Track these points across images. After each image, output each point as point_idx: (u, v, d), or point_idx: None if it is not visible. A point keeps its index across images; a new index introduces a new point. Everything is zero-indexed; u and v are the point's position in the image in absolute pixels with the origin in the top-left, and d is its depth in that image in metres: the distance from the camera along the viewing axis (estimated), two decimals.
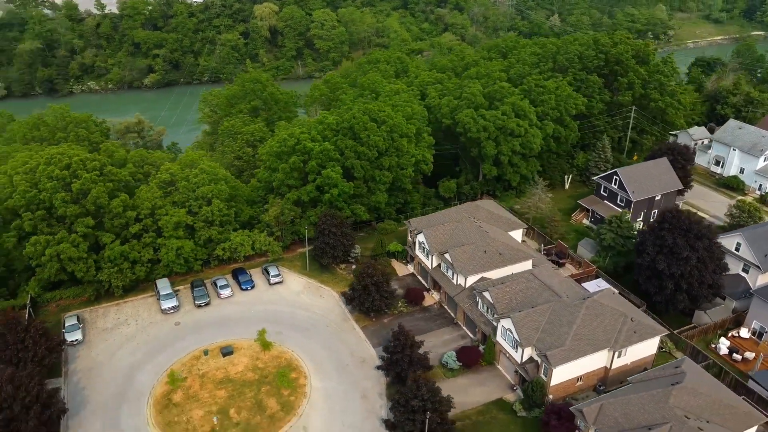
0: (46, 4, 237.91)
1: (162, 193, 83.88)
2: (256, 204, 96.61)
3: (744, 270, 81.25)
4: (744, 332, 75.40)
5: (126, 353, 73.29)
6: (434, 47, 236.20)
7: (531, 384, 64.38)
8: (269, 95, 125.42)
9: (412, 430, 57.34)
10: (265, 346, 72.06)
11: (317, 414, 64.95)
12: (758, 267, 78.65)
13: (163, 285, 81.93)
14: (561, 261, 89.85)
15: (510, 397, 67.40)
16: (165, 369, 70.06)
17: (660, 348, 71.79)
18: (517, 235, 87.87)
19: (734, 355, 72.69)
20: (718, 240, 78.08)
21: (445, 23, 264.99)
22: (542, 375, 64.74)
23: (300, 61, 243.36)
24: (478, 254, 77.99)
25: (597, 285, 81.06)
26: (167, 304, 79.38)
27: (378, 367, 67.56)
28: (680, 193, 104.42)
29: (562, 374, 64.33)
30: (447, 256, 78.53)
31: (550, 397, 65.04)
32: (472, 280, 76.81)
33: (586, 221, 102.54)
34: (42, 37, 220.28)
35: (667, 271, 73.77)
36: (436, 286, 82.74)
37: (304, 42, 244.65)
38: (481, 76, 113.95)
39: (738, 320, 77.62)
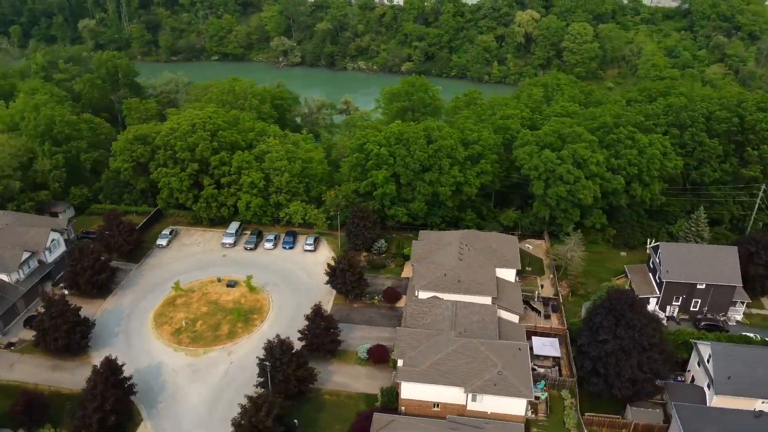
0: None
1: (253, 158, 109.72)
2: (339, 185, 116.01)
3: (708, 386, 71.90)
4: None
5: (181, 264, 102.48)
6: (685, 78, 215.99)
7: (386, 389, 73.10)
8: (418, 99, 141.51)
9: (264, 378, 72.89)
10: (250, 288, 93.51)
11: (247, 347, 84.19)
12: (712, 385, 69.42)
13: (232, 226, 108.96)
14: (547, 313, 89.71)
15: None
16: (191, 281, 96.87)
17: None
18: (507, 274, 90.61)
19: None
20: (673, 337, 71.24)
21: (723, 53, 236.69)
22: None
23: (543, 71, 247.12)
24: (438, 275, 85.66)
25: (544, 343, 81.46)
26: (225, 240, 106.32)
27: (300, 330, 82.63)
28: (752, 292, 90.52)
29: (412, 392, 71.41)
30: (414, 267, 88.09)
31: (402, 408, 72.75)
32: (423, 295, 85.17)
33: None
34: (336, 20, 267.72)
35: (585, 348, 71.86)
36: None
37: (555, 52, 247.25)
38: (593, 117, 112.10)
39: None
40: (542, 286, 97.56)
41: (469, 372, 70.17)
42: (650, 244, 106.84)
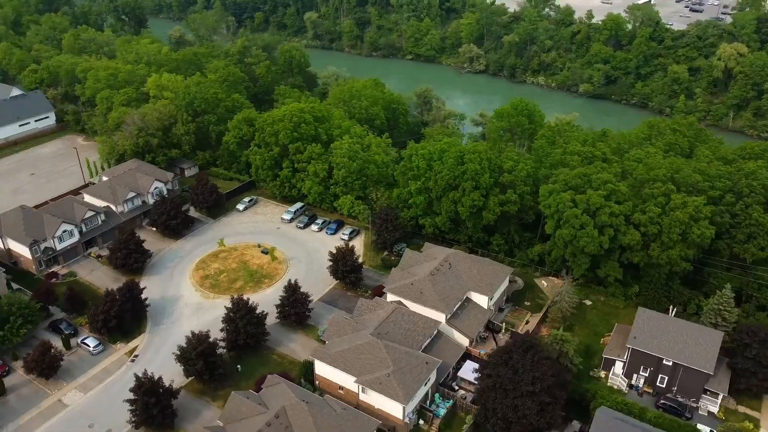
0: (551, 6, 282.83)
1: (322, 151, 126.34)
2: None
3: None
4: None
5: (243, 226, 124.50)
6: None
7: (305, 362, 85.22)
8: (516, 122, 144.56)
9: (224, 325, 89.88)
10: (273, 258, 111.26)
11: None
12: None
13: (294, 206, 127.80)
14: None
15: None
16: (238, 242, 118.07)
17: None
18: (480, 299, 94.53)
19: None
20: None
21: None
22: None
23: (734, 113, 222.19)
24: (406, 283, 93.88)
25: (471, 369, 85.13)
26: (284, 216, 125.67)
27: (280, 297, 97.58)
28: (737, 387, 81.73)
29: (322, 370, 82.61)
30: (392, 272, 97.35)
31: (318, 383, 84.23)
32: (390, 297, 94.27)
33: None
34: (525, 34, 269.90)
35: (477, 378, 75.48)
36: None
37: (755, 93, 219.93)
38: (652, 168, 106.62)
39: None
40: (527, 322, 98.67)
41: (365, 367, 78.93)
42: (672, 311, 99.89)
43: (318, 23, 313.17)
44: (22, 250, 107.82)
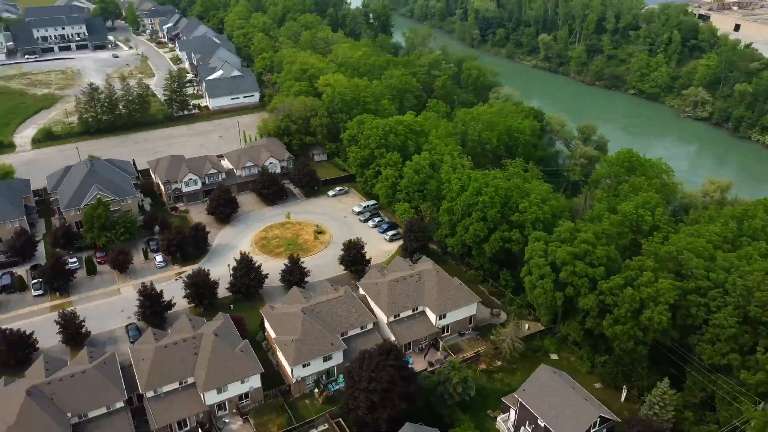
0: None
1: (400, 160, 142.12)
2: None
3: None
4: None
5: (321, 208, 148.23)
6: None
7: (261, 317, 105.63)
8: (614, 171, 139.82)
9: (231, 272, 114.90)
10: (315, 237, 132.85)
11: (275, 264, 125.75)
12: None
13: (367, 201, 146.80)
14: (430, 361, 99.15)
15: None
16: (304, 218, 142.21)
17: None
18: (431, 315, 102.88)
19: None
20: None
21: None
22: None
23: None
24: (372, 281, 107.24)
25: None
26: (354, 208, 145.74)
27: (284, 265, 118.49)
28: None
29: (267, 325, 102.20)
30: (372, 269, 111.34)
31: (266, 333, 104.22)
32: (361, 290, 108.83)
33: None
34: (765, 84, 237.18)
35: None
36: None
37: None
38: (672, 242, 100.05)
39: None
40: (476, 352, 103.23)
41: (284, 331, 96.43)
42: (624, 392, 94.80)
43: (550, 45, 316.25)
44: (162, 186, 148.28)
